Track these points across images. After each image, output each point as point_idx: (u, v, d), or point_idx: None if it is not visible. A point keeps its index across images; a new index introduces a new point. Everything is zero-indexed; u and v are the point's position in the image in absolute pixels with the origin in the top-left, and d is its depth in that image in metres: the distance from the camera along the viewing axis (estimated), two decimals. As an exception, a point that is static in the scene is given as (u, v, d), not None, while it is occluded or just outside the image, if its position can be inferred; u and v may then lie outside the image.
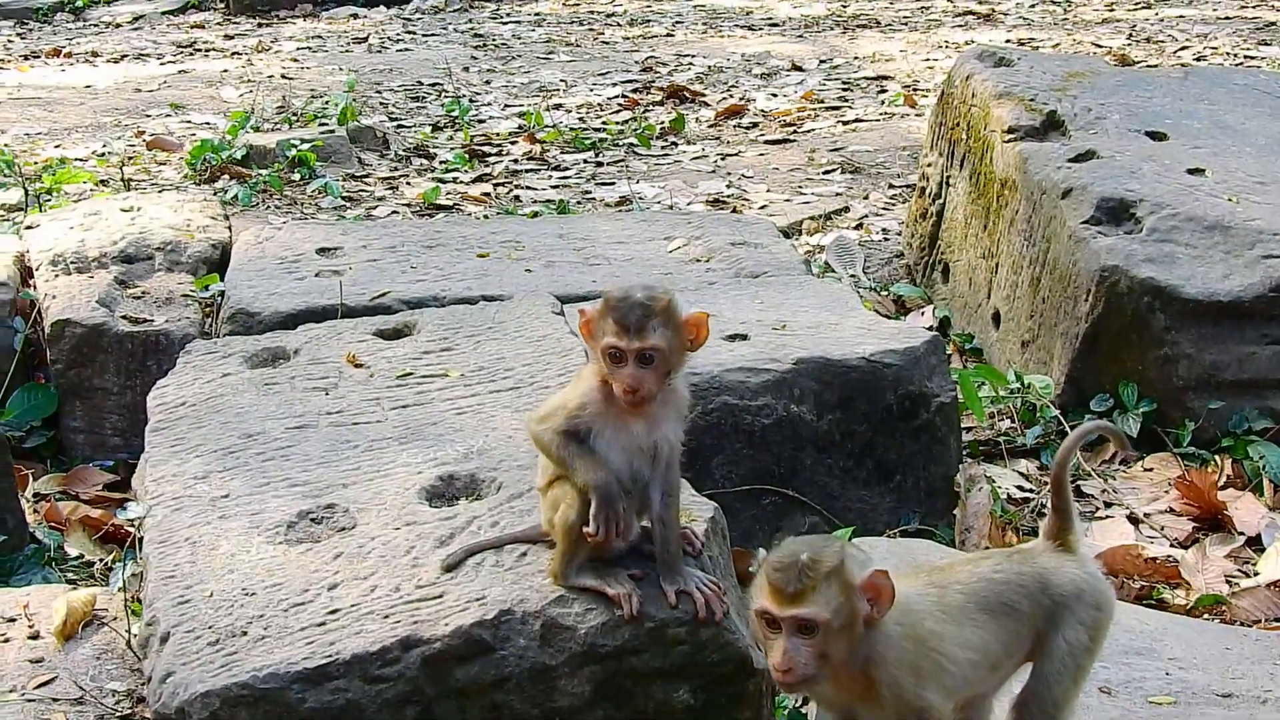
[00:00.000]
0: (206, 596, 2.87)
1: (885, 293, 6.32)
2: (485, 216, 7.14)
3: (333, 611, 2.78)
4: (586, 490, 2.72)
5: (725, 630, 2.73)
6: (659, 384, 2.75)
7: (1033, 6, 13.40)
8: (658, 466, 2.81)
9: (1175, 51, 10.83)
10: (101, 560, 4.36)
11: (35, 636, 3.26)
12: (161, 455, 3.48)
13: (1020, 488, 4.68)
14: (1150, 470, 4.76)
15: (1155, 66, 9.86)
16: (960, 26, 12.62)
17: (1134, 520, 4.50)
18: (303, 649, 2.68)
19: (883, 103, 9.77)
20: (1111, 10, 13.00)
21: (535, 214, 7.05)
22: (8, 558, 4.21)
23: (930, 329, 5.77)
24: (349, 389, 3.79)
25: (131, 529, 4.36)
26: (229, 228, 6.09)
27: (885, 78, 10.56)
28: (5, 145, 8.91)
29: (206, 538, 3.08)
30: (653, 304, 2.73)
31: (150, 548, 3.09)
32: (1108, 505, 4.60)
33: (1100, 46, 11.06)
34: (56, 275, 5.48)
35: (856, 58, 11.37)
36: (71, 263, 5.54)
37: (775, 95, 10.17)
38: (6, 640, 3.25)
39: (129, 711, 3.02)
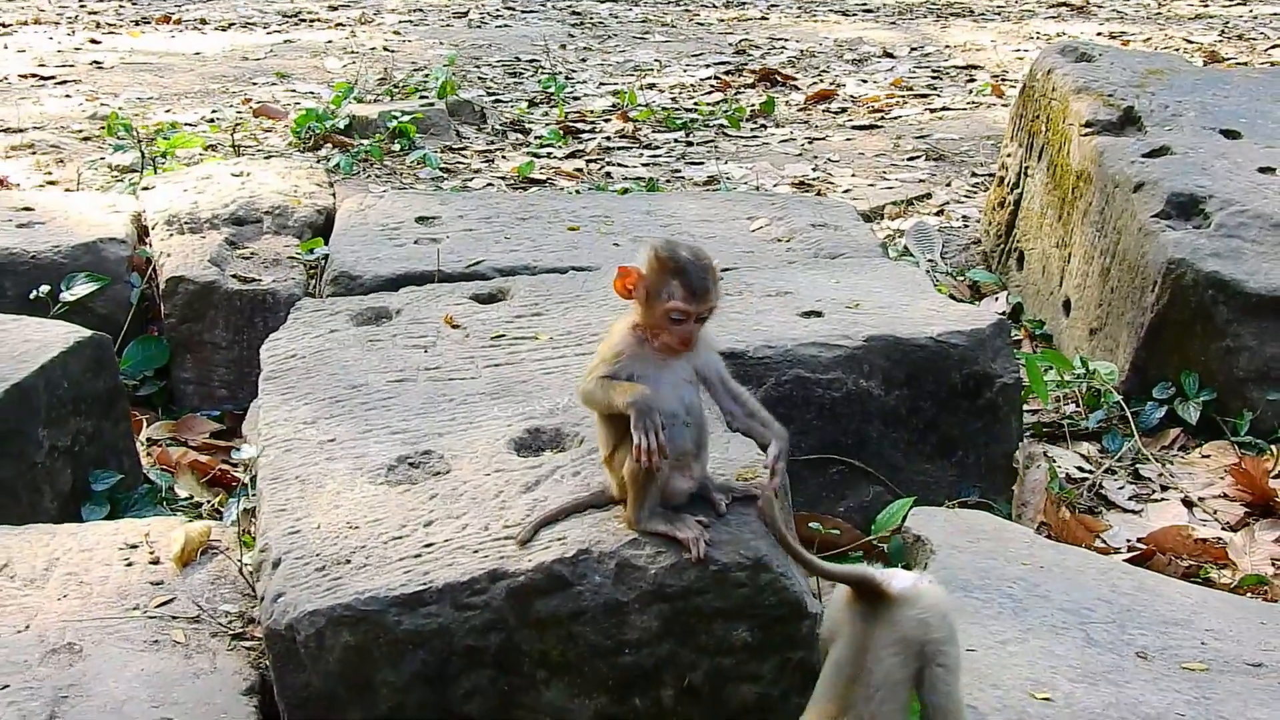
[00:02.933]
0: (314, 528, 3.15)
1: (961, 277, 6.53)
2: (577, 191, 7.41)
3: (427, 545, 3.05)
4: (636, 414, 2.90)
5: (783, 576, 2.98)
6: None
7: (1127, 0, 13.48)
8: (714, 387, 3.05)
9: (1267, 49, 10.90)
10: (208, 501, 4.68)
11: (155, 562, 3.56)
12: (273, 402, 3.79)
13: (1080, 468, 4.88)
14: (1208, 457, 4.93)
15: (1245, 64, 9.96)
16: (1053, 18, 12.72)
17: (1188, 504, 4.68)
18: (400, 577, 2.96)
19: (971, 92, 9.94)
20: (1205, 6, 13.05)
21: (625, 190, 7.30)
22: (124, 495, 4.54)
23: (1003, 314, 5.99)
24: (446, 347, 4.07)
25: (237, 473, 4.69)
26: (333, 195, 6.40)
27: (975, 67, 10.71)
28: (119, 109, 9.28)
29: (314, 477, 3.37)
30: (710, 265, 2.93)
31: (263, 484, 3.39)
32: (1164, 489, 4.78)
33: (1191, 42, 11.15)
34: (171, 235, 5.80)
35: (948, 46, 11.52)
36: (185, 223, 5.86)
37: (865, 81, 10.35)
38: (130, 564, 3.55)
39: (240, 630, 3.32)
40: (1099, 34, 11.53)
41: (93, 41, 11.89)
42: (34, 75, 10.50)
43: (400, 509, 3.20)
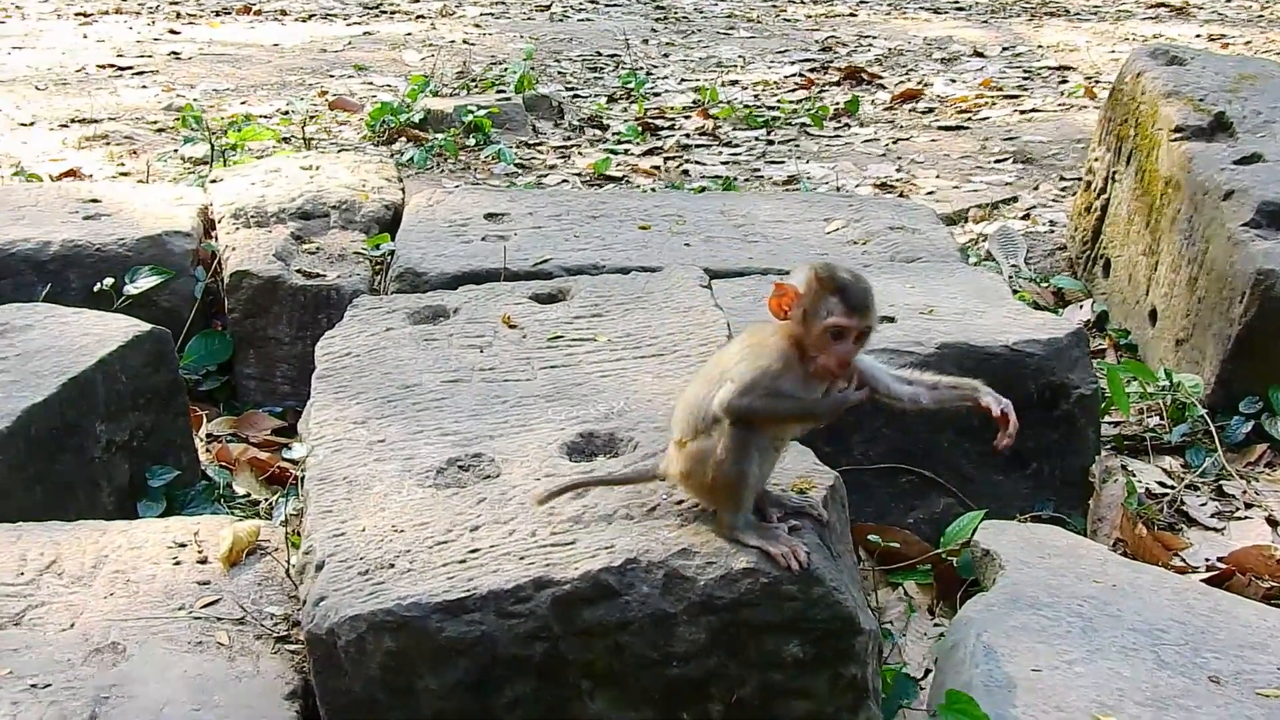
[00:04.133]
0: (359, 531, 3.15)
1: (1045, 284, 6.46)
2: (651, 189, 7.40)
3: (473, 551, 3.04)
4: (834, 414, 2.98)
5: (835, 591, 2.94)
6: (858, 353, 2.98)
7: (1229, 1, 13.28)
8: (879, 381, 3.13)
9: (1373, 52, 10.73)
10: (266, 500, 4.71)
11: (203, 561, 3.57)
12: (325, 400, 3.79)
13: (1161, 484, 4.81)
14: (1296, 475, 4.87)
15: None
16: (1151, 19, 12.57)
17: (1273, 522, 4.60)
18: (444, 583, 2.95)
19: (1062, 93, 9.83)
20: (1311, 7, 12.88)
21: (701, 189, 7.29)
22: (181, 491, 4.57)
23: (1088, 323, 5.94)
24: (502, 348, 4.06)
25: (294, 470, 4.71)
26: (402, 189, 6.43)
27: (1067, 68, 10.60)
28: (194, 100, 9.38)
29: (362, 478, 3.37)
30: (869, 286, 2.93)
31: (311, 484, 3.39)
32: (1248, 506, 4.70)
33: (1294, 45, 11.00)
34: (237, 228, 5.85)
35: (1040, 46, 11.41)
36: (252, 217, 5.91)
37: (954, 81, 10.28)
38: (178, 563, 3.56)
39: (285, 633, 3.32)
40: (1198, 36, 11.38)
41: (172, 32, 12.04)
42: (112, 65, 10.65)
43: (447, 513, 3.20)
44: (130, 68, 10.57)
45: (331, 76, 10.35)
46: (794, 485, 3.20)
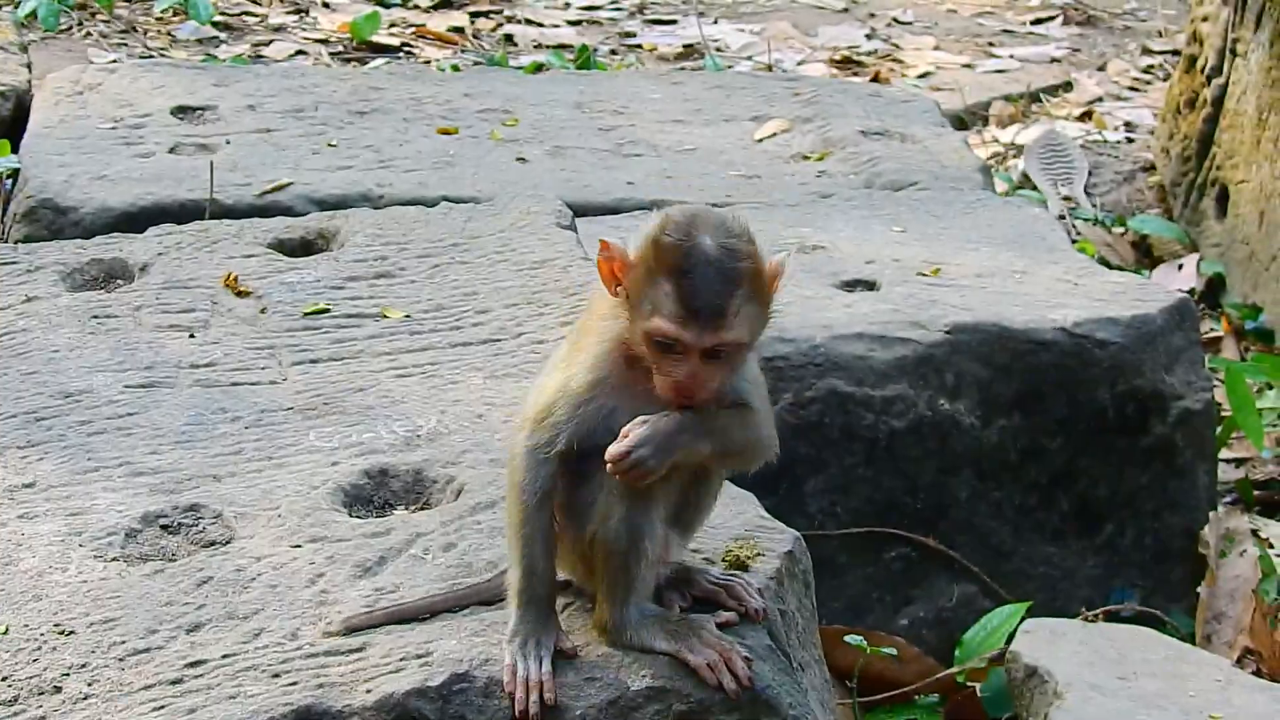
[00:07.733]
0: (0, 633, 3.26)
1: (1121, 228, 6.63)
2: (455, 68, 7.50)
3: (194, 664, 3.12)
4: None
5: (799, 724, 3.09)
6: (727, 380, 2.99)
7: None
8: None
9: None
10: None
11: None
12: (-71, 421, 3.89)
13: (1314, 559, 4.99)
14: None
15: None
16: None
17: None
18: (147, 717, 3.05)
19: (1146, -94, 10.07)
20: None
21: (538, 66, 7.40)
22: None
23: (1193, 293, 6.10)
24: (227, 330, 4.17)
25: None
26: (27, 65, 6.47)
27: None
28: None
29: (0, 547, 3.47)
30: (736, 270, 2.91)
31: (-89, 559, 3.48)
32: None
33: None
34: None
35: None
36: None
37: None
38: None
39: None
40: None
41: None
42: None
43: (148, 603, 3.28)
44: None
45: None
46: (728, 553, 3.32)
